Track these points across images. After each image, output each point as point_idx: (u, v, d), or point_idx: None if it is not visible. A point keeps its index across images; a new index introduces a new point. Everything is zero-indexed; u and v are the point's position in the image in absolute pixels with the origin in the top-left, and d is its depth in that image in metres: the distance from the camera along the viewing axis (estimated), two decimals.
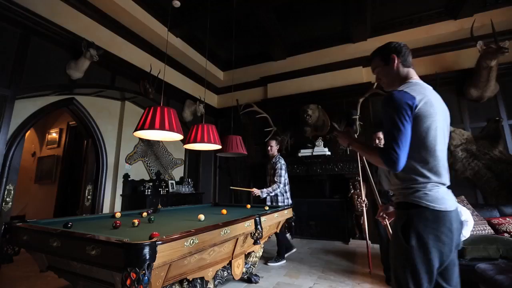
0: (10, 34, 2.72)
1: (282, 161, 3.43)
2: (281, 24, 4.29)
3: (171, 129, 1.79)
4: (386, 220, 1.46)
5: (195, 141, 2.20)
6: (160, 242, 1.08)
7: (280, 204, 3.30)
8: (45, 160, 5.30)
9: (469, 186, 3.97)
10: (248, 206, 2.90)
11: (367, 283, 2.55)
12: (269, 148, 3.52)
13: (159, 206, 2.80)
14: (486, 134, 3.99)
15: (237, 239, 1.85)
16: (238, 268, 2.00)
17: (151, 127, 1.75)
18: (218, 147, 2.41)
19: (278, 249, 3.32)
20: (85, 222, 1.92)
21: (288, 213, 2.82)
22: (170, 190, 4.89)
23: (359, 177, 4.41)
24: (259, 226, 1.97)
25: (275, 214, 2.45)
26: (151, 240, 1.06)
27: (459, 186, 3.91)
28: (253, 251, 2.36)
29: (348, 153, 4.61)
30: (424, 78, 4.37)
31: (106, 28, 3.71)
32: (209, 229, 1.43)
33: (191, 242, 1.27)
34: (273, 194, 3.30)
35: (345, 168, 4.46)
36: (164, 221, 1.97)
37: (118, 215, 2.16)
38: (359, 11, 3.81)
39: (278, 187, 3.29)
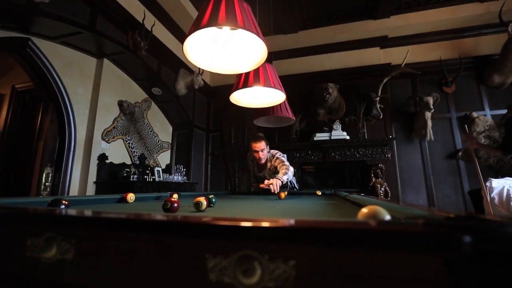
0: None
1: (280, 153, 2.43)
2: None
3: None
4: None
5: (257, 83, 1.39)
6: None
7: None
8: None
9: (492, 173, 3.82)
10: (319, 192, 2.09)
11: None
12: (260, 154, 2.26)
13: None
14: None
15: None
16: None
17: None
18: (283, 96, 1.62)
19: None
20: (78, 207, 1.03)
21: None
22: (157, 178, 3.90)
23: (382, 164, 4.06)
24: None
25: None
26: None
27: (482, 173, 3.75)
28: None
29: (366, 137, 4.18)
30: (447, 62, 4.09)
31: None
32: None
33: None
34: (290, 177, 2.28)
35: (367, 154, 4.01)
36: (228, 205, 1.18)
37: (131, 196, 1.28)
38: None
39: (288, 168, 2.22)
